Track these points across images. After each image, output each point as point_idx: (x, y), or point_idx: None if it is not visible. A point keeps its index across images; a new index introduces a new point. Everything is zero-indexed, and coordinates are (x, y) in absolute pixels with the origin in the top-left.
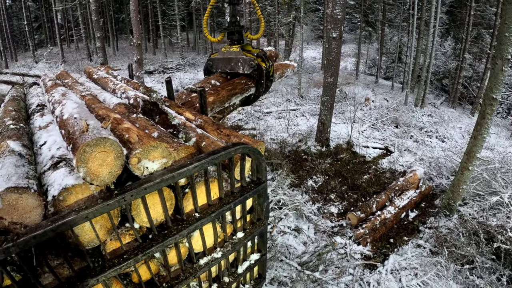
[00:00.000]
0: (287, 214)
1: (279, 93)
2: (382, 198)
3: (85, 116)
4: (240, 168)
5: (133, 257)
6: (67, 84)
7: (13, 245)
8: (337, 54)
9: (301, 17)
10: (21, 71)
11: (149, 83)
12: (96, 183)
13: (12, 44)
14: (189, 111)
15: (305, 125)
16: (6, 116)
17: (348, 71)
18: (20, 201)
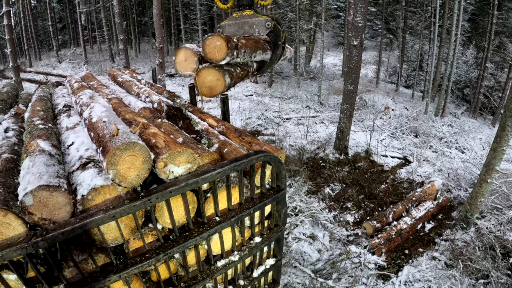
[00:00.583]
0: (303, 221)
1: (299, 99)
2: (399, 209)
3: (113, 120)
4: (260, 175)
5: (154, 257)
6: (92, 87)
7: (42, 240)
8: (358, 62)
9: (322, 24)
10: (45, 70)
11: (170, 85)
12: (124, 185)
13: (36, 43)
14: (212, 117)
15: (324, 132)
16: (35, 116)
17: (368, 79)
18: (50, 199)
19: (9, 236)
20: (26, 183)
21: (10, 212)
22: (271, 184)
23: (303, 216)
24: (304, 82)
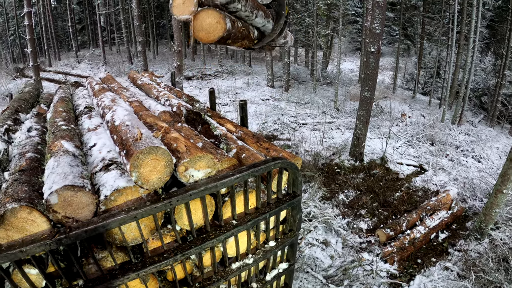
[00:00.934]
0: (317, 226)
1: (315, 104)
2: (413, 217)
3: (136, 124)
4: (277, 181)
5: (172, 257)
6: (113, 89)
7: (66, 237)
8: (375, 69)
9: (340, 29)
10: (64, 70)
11: (187, 88)
12: (146, 187)
13: (56, 43)
14: (230, 122)
15: (340, 139)
16: (57, 117)
17: (385, 85)
18: (75, 198)
19: (33, 232)
20: (51, 182)
21: (35, 209)
22: (287, 190)
23: (317, 222)
24: (320, 88)
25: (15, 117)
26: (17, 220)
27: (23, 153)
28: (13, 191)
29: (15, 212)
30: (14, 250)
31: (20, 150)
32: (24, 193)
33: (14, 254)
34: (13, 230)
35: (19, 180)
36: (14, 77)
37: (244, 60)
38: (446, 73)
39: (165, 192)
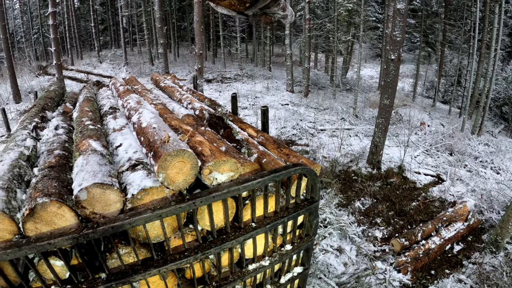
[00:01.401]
0: (331, 233)
1: (334, 110)
2: (428, 228)
3: (162, 127)
4: (296, 186)
5: (193, 255)
6: (137, 91)
7: (93, 232)
8: (395, 76)
9: (360, 36)
10: (86, 69)
11: (207, 91)
12: (172, 188)
13: (78, 43)
14: (251, 127)
15: (357, 146)
16: (84, 116)
17: (405, 92)
18: (103, 196)
19: (61, 226)
20: (81, 179)
21: (64, 204)
22: (305, 195)
23: (332, 228)
24: (340, 94)
25: (42, 114)
26: (46, 214)
27: (51, 150)
28: (43, 186)
29: (45, 206)
30: (42, 242)
31: (48, 147)
32: (54, 188)
33: (42, 246)
34: (42, 223)
35: (48, 176)
36: (37, 75)
37: (264, 65)
38: (467, 81)
39: (188, 193)
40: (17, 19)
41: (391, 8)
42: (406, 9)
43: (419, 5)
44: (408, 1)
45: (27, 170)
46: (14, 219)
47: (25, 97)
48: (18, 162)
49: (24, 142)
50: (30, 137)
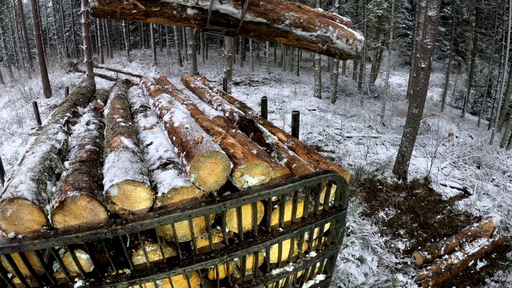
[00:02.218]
0: (354, 242)
1: (361, 118)
2: (452, 242)
3: (195, 128)
4: (325, 193)
5: (219, 257)
6: (167, 90)
7: (122, 228)
8: (425, 85)
9: (390, 43)
10: (116, 68)
11: (235, 93)
12: (203, 188)
13: (109, 42)
14: (282, 131)
15: (384, 155)
16: (115, 113)
17: (433, 102)
18: (133, 193)
19: (89, 220)
20: (112, 175)
21: (94, 199)
22: (333, 203)
23: (355, 237)
24: (367, 101)
25: (74, 110)
26: (76, 207)
27: (82, 145)
28: (74, 180)
29: (76, 200)
30: (70, 235)
31: (79, 141)
32: (84, 183)
33: (69, 239)
34: (70, 216)
35: (79, 170)
36: (68, 71)
37: (292, 69)
38: (497, 92)
39: (218, 194)
40: (49, 17)
41: (422, 15)
42: (438, 16)
43: (450, 12)
44: (439, 9)
45: (58, 163)
46: (43, 210)
47: (55, 92)
48: (49, 155)
49: (56, 136)
50: (61, 131)
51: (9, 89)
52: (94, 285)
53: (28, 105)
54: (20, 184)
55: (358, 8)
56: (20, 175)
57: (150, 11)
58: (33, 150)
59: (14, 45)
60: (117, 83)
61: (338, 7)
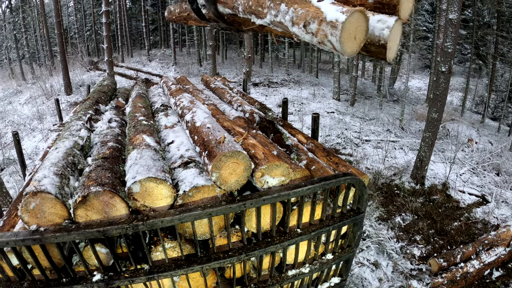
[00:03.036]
0: (369, 246)
1: (380, 121)
2: (468, 250)
3: (216, 128)
4: (344, 196)
5: (236, 256)
6: (188, 90)
7: (142, 224)
8: (445, 89)
9: (410, 45)
10: (135, 67)
11: (254, 94)
12: (223, 188)
13: (129, 41)
14: (301, 133)
15: (402, 159)
16: (137, 112)
17: (453, 106)
18: (155, 190)
19: (111, 215)
20: (134, 172)
21: (116, 195)
22: (351, 206)
23: (370, 242)
24: (386, 104)
25: (96, 107)
26: (98, 202)
27: (104, 142)
28: (97, 176)
29: (98, 195)
30: (91, 229)
31: (101, 138)
32: (107, 179)
33: (91, 233)
34: (92, 211)
35: (102, 166)
36: (88, 69)
37: (311, 71)
38: None
39: (238, 194)
40: (71, 16)
41: (442, 18)
42: (459, 19)
43: (471, 15)
44: (460, 11)
45: (80, 159)
46: (66, 204)
47: (76, 90)
48: (73, 151)
49: (79, 132)
50: (84, 128)
51: (30, 86)
52: (113, 279)
53: (49, 102)
54: (44, 178)
55: None
56: (43, 169)
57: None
58: (56, 145)
59: (36, 43)
60: (137, 82)
61: None
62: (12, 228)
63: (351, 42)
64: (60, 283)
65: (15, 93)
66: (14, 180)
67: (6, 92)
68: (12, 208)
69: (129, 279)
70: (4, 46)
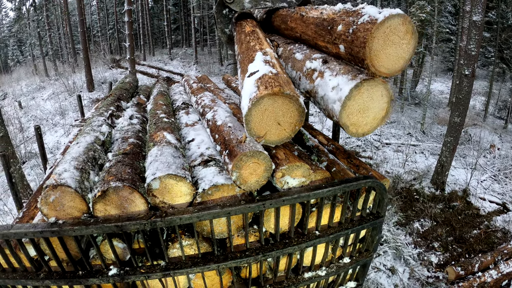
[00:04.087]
0: (386, 251)
1: (401, 125)
2: (487, 259)
3: (238, 127)
4: (364, 199)
5: (253, 256)
6: (209, 89)
7: (161, 221)
8: (468, 93)
9: (433, 48)
10: (157, 65)
11: None
12: (243, 187)
13: (151, 40)
14: (322, 134)
15: (422, 164)
16: (158, 109)
17: (475, 111)
18: (175, 187)
19: (130, 211)
20: (154, 169)
21: (136, 191)
22: (371, 210)
23: (388, 247)
24: (408, 107)
25: (117, 104)
26: (117, 198)
27: (125, 138)
28: (117, 171)
29: (118, 190)
30: (110, 224)
31: (122, 134)
32: (127, 174)
33: (109, 227)
34: (111, 206)
35: (122, 162)
36: (110, 67)
37: None
38: None
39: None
40: (94, 14)
41: (466, 20)
42: (483, 21)
43: (495, 17)
44: (484, 13)
45: (101, 154)
46: (85, 198)
47: (98, 87)
48: (93, 146)
49: (100, 128)
50: (106, 123)
51: (53, 82)
52: (129, 274)
53: (71, 98)
54: (64, 172)
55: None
56: (64, 163)
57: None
58: (78, 140)
59: (59, 40)
60: (159, 80)
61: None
62: (31, 220)
63: (272, 135)
64: (76, 275)
65: (38, 89)
66: (35, 173)
67: (30, 87)
68: (32, 200)
69: (145, 275)
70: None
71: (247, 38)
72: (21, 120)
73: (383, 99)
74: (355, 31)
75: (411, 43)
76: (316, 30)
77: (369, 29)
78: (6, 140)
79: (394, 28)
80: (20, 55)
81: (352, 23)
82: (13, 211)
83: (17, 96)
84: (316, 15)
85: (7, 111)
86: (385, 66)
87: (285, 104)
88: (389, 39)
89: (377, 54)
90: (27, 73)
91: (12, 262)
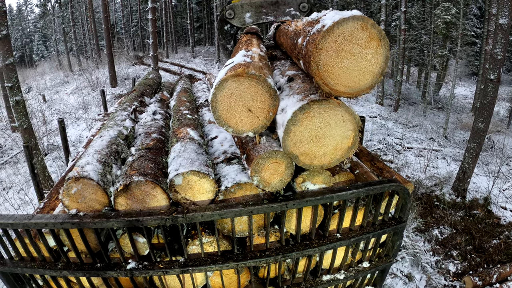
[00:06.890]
0: (404, 257)
1: (423, 129)
2: (506, 270)
3: None
4: (386, 203)
5: (273, 256)
6: None
7: (182, 217)
8: (493, 98)
9: (458, 51)
10: (180, 63)
11: None
12: (268, 190)
13: (174, 38)
14: None
15: (444, 169)
16: (182, 105)
17: (500, 117)
18: (198, 184)
19: (151, 206)
20: (177, 165)
21: (158, 186)
22: (393, 214)
23: (405, 253)
24: (431, 112)
25: (141, 99)
26: (139, 192)
27: (148, 133)
28: (139, 166)
29: (140, 185)
30: (131, 218)
31: (145, 130)
32: (149, 169)
33: (130, 221)
34: (133, 200)
35: (145, 157)
36: (133, 64)
37: None
38: None
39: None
40: (118, 12)
41: (492, 22)
42: (509, 24)
43: None
44: (511, 16)
45: (124, 148)
46: (107, 192)
47: (121, 83)
48: (117, 140)
49: (124, 123)
50: (129, 118)
51: (77, 77)
52: (147, 269)
53: (94, 93)
54: (87, 165)
55: (425, 13)
56: (87, 156)
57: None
58: (101, 134)
59: (83, 37)
60: (182, 77)
61: (405, 12)
62: (52, 211)
63: (244, 124)
64: (94, 267)
65: (62, 83)
66: (56, 165)
67: (54, 82)
68: (53, 192)
69: (163, 270)
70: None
71: (240, 45)
72: (44, 113)
73: (346, 125)
74: (307, 43)
75: (379, 53)
76: (290, 44)
77: (315, 39)
78: (30, 132)
79: (350, 35)
80: (44, 50)
81: (307, 34)
82: (34, 201)
83: (41, 89)
84: (292, 29)
85: (31, 104)
86: (343, 84)
87: (252, 86)
88: (344, 49)
89: (329, 69)
90: (52, 68)
91: (31, 251)
